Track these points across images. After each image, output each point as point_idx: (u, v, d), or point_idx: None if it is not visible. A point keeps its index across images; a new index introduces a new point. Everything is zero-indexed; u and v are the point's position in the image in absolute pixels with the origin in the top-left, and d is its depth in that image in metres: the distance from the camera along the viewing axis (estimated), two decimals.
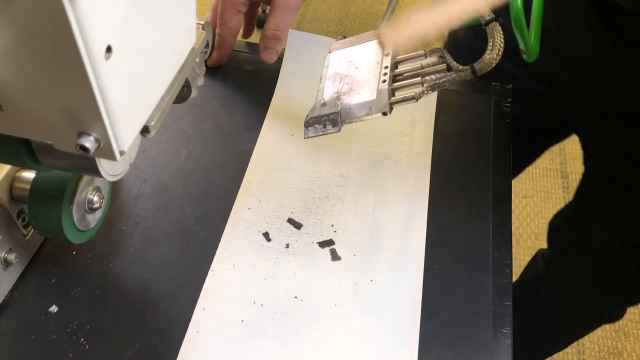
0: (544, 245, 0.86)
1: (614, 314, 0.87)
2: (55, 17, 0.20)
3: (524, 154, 0.81)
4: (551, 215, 0.81)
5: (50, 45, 0.22)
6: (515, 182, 1.32)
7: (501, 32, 0.33)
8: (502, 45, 0.33)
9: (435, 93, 0.58)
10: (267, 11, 1.87)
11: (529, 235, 1.49)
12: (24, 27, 0.21)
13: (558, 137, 0.77)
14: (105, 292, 0.43)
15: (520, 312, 0.92)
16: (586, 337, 1.26)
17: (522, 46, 0.35)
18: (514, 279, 1.02)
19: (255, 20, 0.63)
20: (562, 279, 0.80)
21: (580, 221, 0.73)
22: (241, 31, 0.63)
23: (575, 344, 1.25)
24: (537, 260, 0.90)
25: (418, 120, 0.56)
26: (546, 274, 0.86)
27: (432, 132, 0.55)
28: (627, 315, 1.29)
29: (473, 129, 0.56)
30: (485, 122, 0.57)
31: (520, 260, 1.45)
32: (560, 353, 1.24)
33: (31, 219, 0.39)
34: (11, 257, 0.41)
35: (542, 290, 0.87)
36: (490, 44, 0.32)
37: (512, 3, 0.33)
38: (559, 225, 0.79)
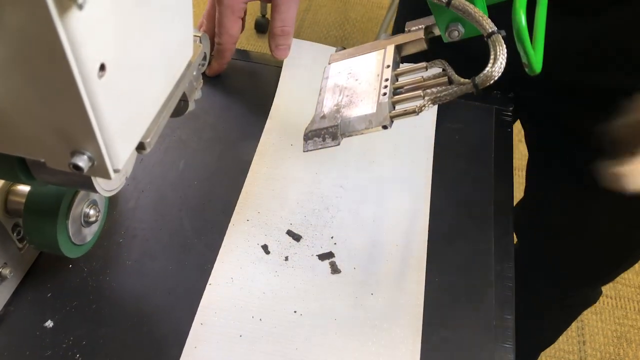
0: None
1: (588, 297, 0.86)
2: (47, 35, 0.20)
3: None
4: None
5: (42, 63, 0.21)
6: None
7: (504, 45, 0.32)
8: (504, 58, 0.32)
9: None
10: (266, 15, 1.86)
11: None
12: (15, 45, 0.21)
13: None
14: (102, 306, 0.43)
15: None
16: (588, 343, 1.25)
17: (524, 60, 0.35)
18: None
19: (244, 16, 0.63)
20: (530, 270, 0.80)
21: (534, 207, 0.73)
22: None
23: (577, 350, 1.24)
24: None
25: (418, 130, 0.55)
26: (517, 267, 0.86)
27: (433, 143, 0.55)
28: (629, 322, 1.28)
29: (474, 139, 0.56)
30: (486, 131, 0.56)
31: None
32: None
33: (26, 233, 0.38)
34: (6, 271, 0.40)
35: (516, 285, 0.87)
36: (492, 57, 0.32)
37: (514, 17, 0.32)
38: (519, 215, 0.79)
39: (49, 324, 0.41)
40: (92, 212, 0.40)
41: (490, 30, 0.33)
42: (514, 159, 0.55)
